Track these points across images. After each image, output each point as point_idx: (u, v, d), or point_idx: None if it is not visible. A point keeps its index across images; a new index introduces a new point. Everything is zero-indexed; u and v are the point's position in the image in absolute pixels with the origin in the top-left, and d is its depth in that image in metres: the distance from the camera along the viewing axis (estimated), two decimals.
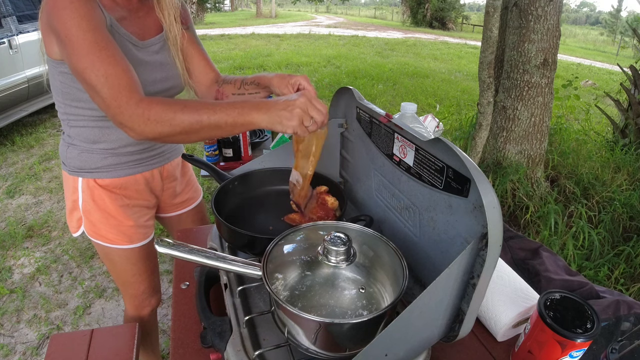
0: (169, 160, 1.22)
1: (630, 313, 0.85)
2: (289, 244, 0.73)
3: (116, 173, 1.09)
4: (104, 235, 1.14)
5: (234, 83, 1.11)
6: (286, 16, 29.88)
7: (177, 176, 1.29)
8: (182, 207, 1.35)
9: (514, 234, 1.11)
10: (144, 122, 0.77)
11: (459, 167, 0.65)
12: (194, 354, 0.77)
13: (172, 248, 0.69)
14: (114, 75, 0.79)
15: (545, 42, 2.77)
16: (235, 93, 1.11)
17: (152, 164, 1.16)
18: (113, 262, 1.21)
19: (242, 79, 1.10)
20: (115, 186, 1.10)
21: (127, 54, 0.90)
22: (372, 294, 0.67)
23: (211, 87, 1.15)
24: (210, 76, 1.16)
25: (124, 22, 0.95)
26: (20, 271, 2.41)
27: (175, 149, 1.25)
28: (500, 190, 2.87)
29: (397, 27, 21.85)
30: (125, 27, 0.95)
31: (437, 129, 1.92)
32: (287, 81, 0.94)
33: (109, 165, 1.08)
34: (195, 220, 1.40)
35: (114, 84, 0.79)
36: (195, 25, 8.33)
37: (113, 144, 1.05)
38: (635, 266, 2.29)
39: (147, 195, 1.19)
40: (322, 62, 8.80)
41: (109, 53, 0.81)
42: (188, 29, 1.12)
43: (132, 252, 1.19)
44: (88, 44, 0.79)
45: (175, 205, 1.33)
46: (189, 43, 1.12)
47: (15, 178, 3.49)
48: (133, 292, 1.29)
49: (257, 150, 2.24)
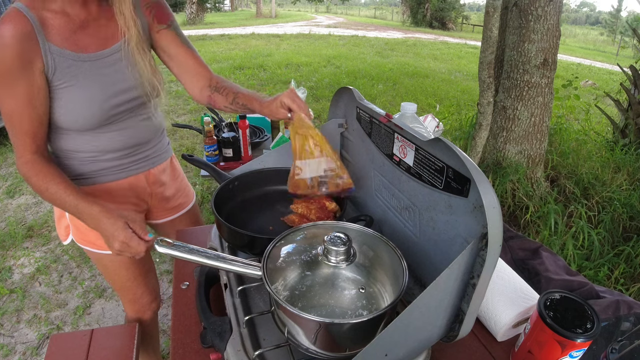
0: (154, 165, 1.17)
1: (630, 313, 0.85)
2: (289, 244, 0.73)
3: (99, 179, 1.07)
4: (93, 242, 1.11)
5: (226, 96, 1.06)
6: (286, 16, 29.88)
7: (166, 181, 1.24)
8: (174, 212, 1.31)
9: (514, 234, 1.11)
10: (26, 179, 0.92)
11: (459, 167, 0.65)
12: (194, 354, 0.77)
13: (172, 248, 0.69)
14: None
15: (545, 42, 2.77)
16: (228, 107, 1.07)
17: (136, 168, 1.12)
18: (106, 268, 1.20)
19: (234, 94, 1.05)
20: (99, 193, 1.07)
21: (78, 73, 0.90)
22: (372, 294, 0.67)
23: (203, 90, 1.10)
24: (201, 79, 1.10)
25: (78, 34, 0.91)
26: (20, 271, 2.41)
27: (161, 154, 1.20)
28: (500, 190, 2.87)
29: (397, 27, 21.85)
30: (78, 40, 0.91)
31: (437, 129, 1.92)
32: (276, 107, 0.93)
33: (90, 172, 1.05)
34: (188, 225, 1.36)
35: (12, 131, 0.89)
36: (195, 25, 8.27)
37: (90, 153, 1.02)
38: (635, 266, 2.29)
39: (134, 200, 1.16)
40: (322, 62, 8.79)
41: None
42: (169, 27, 1.04)
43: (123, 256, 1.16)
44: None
45: (167, 210, 1.29)
46: (171, 43, 1.06)
47: (15, 178, 3.48)
48: (131, 297, 1.28)
49: (257, 150, 2.24)
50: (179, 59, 1.08)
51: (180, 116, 5.20)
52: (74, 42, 0.90)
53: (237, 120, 2.08)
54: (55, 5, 0.87)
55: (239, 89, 1.06)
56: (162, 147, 1.20)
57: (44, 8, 0.86)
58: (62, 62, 0.89)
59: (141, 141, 1.11)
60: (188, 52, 1.08)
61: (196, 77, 1.10)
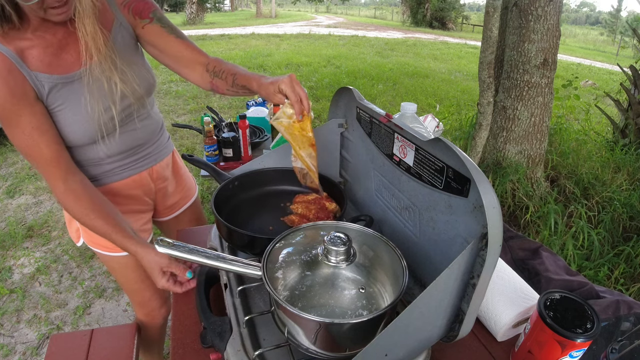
0: (157, 162, 1.17)
1: (630, 313, 0.85)
2: (289, 244, 0.73)
3: (103, 181, 1.07)
4: (102, 244, 1.13)
5: (226, 79, 1.02)
6: (286, 16, 29.88)
7: (168, 176, 1.25)
8: (176, 208, 1.33)
9: (514, 234, 1.11)
10: (65, 209, 0.95)
11: (459, 167, 0.65)
12: (194, 354, 0.77)
13: (172, 248, 0.69)
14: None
15: (545, 42, 2.77)
16: (229, 90, 1.04)
17: (140, 166, 1.13)
18: (115, 271, 1.21)
19: (233, 75, 1.00)
20: (106, 193, 1.07)
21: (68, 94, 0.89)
22: (372, 294, 0.67)
23: (203, 76, 1.05)
24: (198, 66, 1.05)
25: (59, 56, 0.89)
26: (20, 271, 2.41)
27: (162, 150, 1.20)
28: (500, 190, 2.87)
29: (397, 27, 21.84)
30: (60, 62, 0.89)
31: (437, 129, 1.92)
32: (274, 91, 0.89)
33: (95, 175, 1.05)
34: (192, 220, 1.38)
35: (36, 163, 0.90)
36: (195, 25, 8.25)
37: (92, 160, 1.02)
38: (635, 266, 2.29)
39: (139, 199, 1.17)
40: (322, 62, 8.79)
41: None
42: (152, 20, 0.99)
43: (130, 258, 1.10)
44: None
45: (169, 207, 1.31)
46: (159, 37, 1.01)
47: (15, 178, 3.49)
48: (140, 300, 1.29)
49: (257, 150, 2.24)
50: (170, 52, 1.04)
51: (180, 116, 5.20)
52: (57, 65, 0.88)
53: (237, 120, 2.08)
54: (29, 32, 0.84)
55: (236, 69, 1.01)
56: (162, 143, 1.20)
57: (18, 37, 0.83)
58: (50, 86, 0.87)
59: (142, 142, 1.11)
60: (178, 42, 1.03)
61: (192, 64, 1.05)
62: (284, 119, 0.89)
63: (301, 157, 0.92)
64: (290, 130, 0.89)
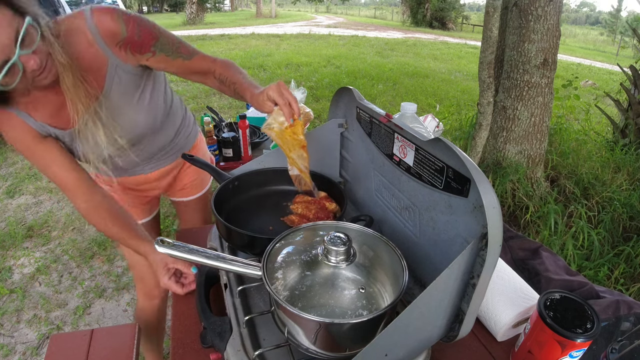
0: (164, 166, 1.25)
1: (630, 313, 0.85)
2: (289, 244, 0.73)
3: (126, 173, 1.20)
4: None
5: (229, 87, 1.05)
6: (286, 16, 29.87)
7: (176, 173, 1.32)
8: (187, 195, 1.40)
9: (514, 234, 1.11)
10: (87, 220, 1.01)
11: (459, 167, 0.65)
12: (194, 354, 0.77)
13: (172, 248, 0.69)
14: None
15: (545, 42, 2.76)
16: (233, 96, 1.07)
17: (144, 171, 1.21)
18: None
19: (234, 85, 1.03)
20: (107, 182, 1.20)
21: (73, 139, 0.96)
22: (372, 294, 0.67)
23: (212, 82, 1.08)
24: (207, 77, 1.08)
25: (60, 113, 0.92)
26: (20, 271, 2.41)
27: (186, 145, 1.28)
28: (500, 190, 2.87)
29: (397, 27, 21.84)
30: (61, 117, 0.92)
31: (437, 129, 1.92)
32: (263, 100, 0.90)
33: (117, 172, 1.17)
34: (200, 208, 1.43)
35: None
36: (195, 25, 8.28)
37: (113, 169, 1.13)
38: (635, 266, 2.29)
39: (142, 190, 1.27)
40: (322, 62, 8.79)
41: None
42: (155, 53, 0.97)
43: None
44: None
45: (179, 191, 1.38)
46: (164, 64, 1.02)
47: (15, 178, 3.49)
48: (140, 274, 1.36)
49: (257, 150, 2.24)
50: (180, 72, 1.06)
51: None
52: (57, 118, 0.93)
53: (237, 120, 2.08)
54: (29, 96, 0.88)
55: (237, 77, 1.03)
56: (185, 136, 1.27)
57: (20, 102, 0.88)
58: (55, 135, 0.95)
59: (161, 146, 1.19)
60: (185, 64, 1.04)
61: (203, 77, 1.09)
62: (275, 125, 0.89)
63: (292, 160, 0.92)
64: (282, 136, 0.90)
